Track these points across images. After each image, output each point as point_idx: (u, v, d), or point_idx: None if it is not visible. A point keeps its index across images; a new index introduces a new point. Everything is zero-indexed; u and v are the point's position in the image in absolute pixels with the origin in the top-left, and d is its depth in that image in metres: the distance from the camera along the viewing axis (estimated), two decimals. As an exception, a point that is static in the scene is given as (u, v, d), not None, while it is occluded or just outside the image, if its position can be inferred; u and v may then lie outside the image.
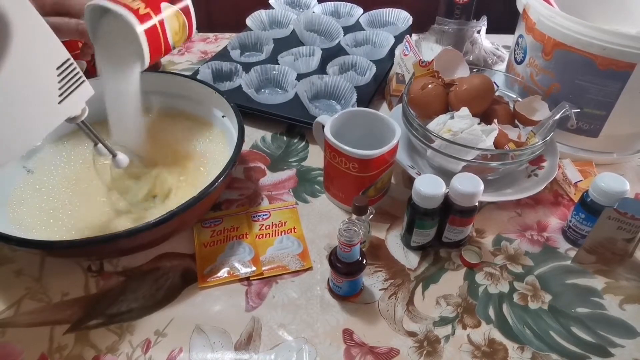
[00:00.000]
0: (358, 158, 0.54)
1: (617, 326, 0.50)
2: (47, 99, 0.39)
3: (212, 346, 0.47)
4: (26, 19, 0.36)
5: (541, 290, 0.53)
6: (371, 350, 0.47)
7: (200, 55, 0.96)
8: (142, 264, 0.55)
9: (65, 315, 0.50)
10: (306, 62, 0.81)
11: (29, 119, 0.38)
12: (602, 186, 0.52)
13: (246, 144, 0.73)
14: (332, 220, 0.61)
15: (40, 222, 0.54)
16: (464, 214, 0.53)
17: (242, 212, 0.61)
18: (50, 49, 0.38)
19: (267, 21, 0.96)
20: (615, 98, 0.60)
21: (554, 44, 0.62)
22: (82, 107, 0.43)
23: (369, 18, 0.97)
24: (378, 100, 0.82)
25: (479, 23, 0.85)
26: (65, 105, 0.40)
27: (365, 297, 0.52)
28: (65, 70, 0.39)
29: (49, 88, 0.39)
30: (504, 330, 0.49)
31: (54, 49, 0.39)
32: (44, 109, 0.39)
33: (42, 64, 0.38)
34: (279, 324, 0.49)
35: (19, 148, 0.39)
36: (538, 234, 0.59)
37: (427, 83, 0.62)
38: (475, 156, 0.56)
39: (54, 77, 0.39)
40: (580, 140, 0.67)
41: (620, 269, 0.55)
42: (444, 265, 0.55)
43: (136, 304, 0.51)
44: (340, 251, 0.47)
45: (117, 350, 0.47)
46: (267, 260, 0.55)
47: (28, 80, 0.37)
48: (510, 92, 0.68)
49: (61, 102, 0.40)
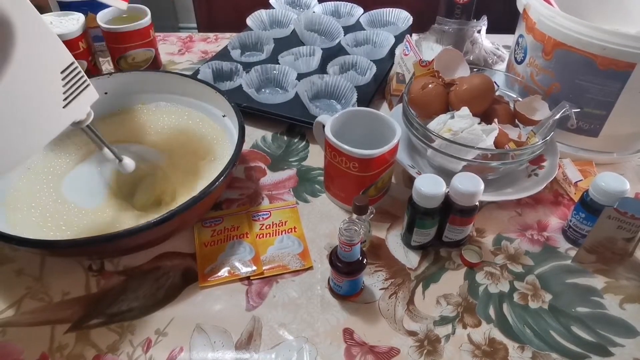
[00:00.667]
0: (358, 158, 0.54)
1: (617, 326, 0.50)
2: (51, 103, 0.38)
3: (212, 345, 0.47)
4: (30, 24, 0.36)
5: (541, 289, 0.53)
6: (371, 350, 0.47)
7: (201, 55, 0.97)
8: (143, 264, 0.55)
9: (66, 314, 0.50)
10: (306, 62, 0.81)
11: (33, 124, 0.38)
12: (602, 186, 0.52)
13: (247, 143, 0.73)
14: (332, 220, 0.61)
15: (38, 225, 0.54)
16: (464, 213, 0.53)
17: (243, 212, 0.61)
18: (55, 52, 0.38)
19: (268, 21, 0.96)
20: (615, 98, 0.60)
21: (554, 43, 0.62)
22: (87, 111, 0.43)
23: (369, 18, 0.97)
24: (378, 100, 0.82)
25: (479, 23, 0.85)
26: (70, 110, 0.40)
27: (365, 296, 0.52)
28: (69, 74, 0.39)
29: (53, 92, 0.38)
30: (504, 330, 0.49)
31: (58, 53, 0.38)
32: (48, 114, 0.39)
33: (46, 68, 0.38)
34: (280, 323, 0.49)
35: (24, 153, 0.39)
36: (538, 233, 0.60)
37: (427, 83, 0.62)
38: (475, 156, 0.56)
39: (59, 81, 0.38)
40: (581, 140, 0.67)
41: (620, 269, 0.55)
42: (444, 265, 0.55)
43: (137, 303, 0.51)
44: (341, 250, 0.47)
45: (117, 350, 0.47)
46: (268, 259, 0.55)
47: (32, 84, 0.37)
48: (511, 92, 0.68)
49: (66, 107, 0.39)
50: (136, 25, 0.80)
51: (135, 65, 0.84)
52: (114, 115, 0.69)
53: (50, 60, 0.38)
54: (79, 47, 0.78)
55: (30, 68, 0.36)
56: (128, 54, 0.82)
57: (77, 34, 0.76)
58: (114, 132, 0.66)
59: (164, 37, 1.02)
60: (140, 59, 0.84)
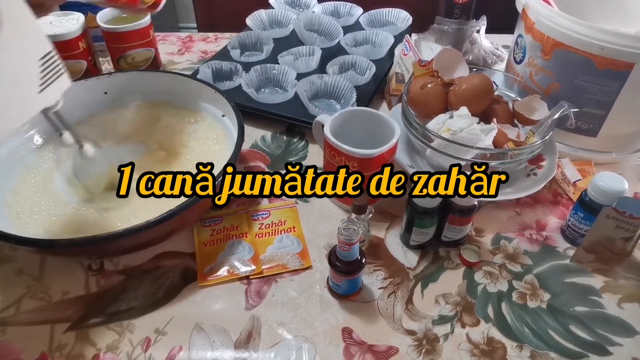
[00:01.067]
0: (358, 157, 0.54)
1: (616, 325, 0.50)
2: (28, 87, 0.41)
3: (212, 344, 0.47)
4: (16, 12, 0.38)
5: (540, 289, 0.53)
6: (370, 349, 0.47)
7: (200, 54, 0.97)
8: (143, 263, 0.55)
9: (65, 313, 0.50)
10: (306, 62, 0.81)
11: (9, 104, 0.40)
12: (600, 185, 0.52)
13: (246, 143, 0.73)
14: (331, 219, 0.61)
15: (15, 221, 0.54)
16: (463, 213, 0.53)
17: (242, 211, 0.61)
18: (36, 40, 0.40)
19: (267, 21, 0.96)
20: (614, 97, 0.61)
21: (553, 43, 0.62)
22: (58, 98, 0.45)
23: (369, 18, 0.97)
24: (378, 100, 0.82)
25: (478, 23, 0.85)
26: (44, 95, 0.42)
27: (364, 295, 0.52)
28: (47, 61, 0.41)
29: (31, 77, 0.40)
30: (502, 329, 0.49)
31: (39, 41, 0.41)
32: (24, 96, 0.41)
33: (27, 54, 0.40)
34: (279, 322, 0.49)
35: None
36: (537, 233, 0.60)
37: (426, 82, 0.62)
38: (474, 155, 0.56)
39: (37, 67, 0.40)
40: (579, 139, 0.67)
41: (618, 268, 0.55)
42: (443, 264, 0.56)
43: (136, 302, 0.51)
44: (340, 250, 0.47)
45: (117, 349, 0.47)
46: (267, 259, 0.55)
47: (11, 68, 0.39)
48: (510, 92, 0.68)
49: (41, 92, 0.42)
50: (136, 25, 0.80)
51: (134, 65, 0.84)
52: (114, 115, 0.69)
53: (31, 47, 0.40)
54: (79, 47, 0.78)
55: (11, 52, 0.38)
56: (128, 53, 0.82)
57: (77, 34, 0.77)
58: (113, 132, 0.66)
59: (163, 37, 1.02)
60: (140, 58, 0.84)
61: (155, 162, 0.62)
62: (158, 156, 0.63)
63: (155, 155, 0.63)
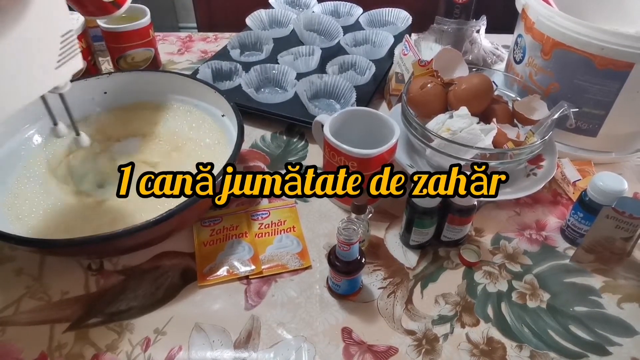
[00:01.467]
0: (357, 157, 0.54)
1: (615, 325, 0.50)
2: (48, 61, 0.41)
3: (211, 344, 0.47)
4: None
5: (540, 289, 0.53)
6: (370, 349, 0.47)
7: (200, 54, 0.97)
8: (142, 263, 0.55)
9: (65, 313, 0.50)
10: (306, 62, 0.81)
11: (31, 74, 0.40)
12: (600, 185, 0.52)
13: (246, 143, 0.73)
14: (331, 219, 0.61)
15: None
16: (462, 213, 0.53)
17: (242, 211, 0.61)
18: (62, 16, 0.41)
19: (267, 21, 0.96)
20: (614, 98, 0.61)
21: (552, 43, 0.62)
22: (69, 78, 0.45)
23: (369, 18, 0.97)
24: (377, 100, 0.82)
25: (478, 22, 0.85)
26: (60, 72, 0.43)
27: (364, 295, 0.52)
28: (67, 39, 0.42)
29: (51, 52, 0.41)
30: (502, 329, 0.49)
31: (64, 18, 0.42)
32: (45, 69, 0.41)
33: (52, 27, 0.41)
34: (278, 322, 0.49)
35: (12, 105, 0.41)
36: (537, 233, 0.60)
37: (426, 82, 0.62)
38: (474, 155, 0.56)
39: (58, 43, 0.41)
40: (579, 139, 0.67)
41: (618, 268, 0.55)
42: (442, 264, 0.56)
43: (136, 302, 0.51)
44: (340, 250, 0.47)
45: (116, 349, 0.47)
46: (267, 259, 0.55)
47: (39, 39, 0.40)
48: (510, 92, 0.68)
49: (57, 68, 0.42)
50: (135, 25, 0.80)
51: (134, 65, 0.84)
52: (114, 114, 0.69)
53: (56, 22, 0.41)
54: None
55: (40, 23, 0.39)
56: (127, 53, 0.82)
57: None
58: (113, 132, 0.66)
59: (163, 37, 1.02)
60: (140, 58, 0.84)
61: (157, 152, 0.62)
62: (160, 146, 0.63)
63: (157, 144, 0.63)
